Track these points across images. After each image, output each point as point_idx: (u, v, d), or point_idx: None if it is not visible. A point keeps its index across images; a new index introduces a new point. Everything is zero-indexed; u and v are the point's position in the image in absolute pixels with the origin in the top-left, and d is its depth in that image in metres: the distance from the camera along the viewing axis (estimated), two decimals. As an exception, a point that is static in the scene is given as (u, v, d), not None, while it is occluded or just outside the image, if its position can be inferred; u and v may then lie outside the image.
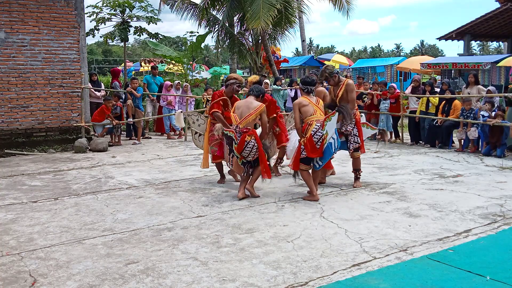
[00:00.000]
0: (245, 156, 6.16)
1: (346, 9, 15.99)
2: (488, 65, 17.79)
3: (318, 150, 6.02)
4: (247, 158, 6.18)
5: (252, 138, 6.08)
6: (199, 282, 3.69)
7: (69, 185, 7.07)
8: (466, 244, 4.48)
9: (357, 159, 6.86)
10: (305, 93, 6.35)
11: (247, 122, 6.19)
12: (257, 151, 6.14)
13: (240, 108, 6.30)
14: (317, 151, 6.02)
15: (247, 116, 6.18)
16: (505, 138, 9.28)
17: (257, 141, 6.12)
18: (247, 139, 6.06)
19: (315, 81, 6.49)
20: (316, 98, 6.38)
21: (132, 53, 57.12)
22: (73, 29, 10.71)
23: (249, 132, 6.11)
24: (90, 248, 4.45)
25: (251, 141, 6.07)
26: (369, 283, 3.66)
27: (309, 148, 6.01)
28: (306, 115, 6.13)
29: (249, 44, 16.42)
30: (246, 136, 6.07)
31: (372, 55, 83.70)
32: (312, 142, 5.99)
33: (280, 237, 4.68)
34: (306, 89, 6.33)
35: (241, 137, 6.08)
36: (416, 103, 11.43)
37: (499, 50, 56.11)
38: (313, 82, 6.36)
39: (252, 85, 6.81)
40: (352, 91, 6.73)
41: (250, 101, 6.34)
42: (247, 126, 6.18)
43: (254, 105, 6.27)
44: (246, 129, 6.14)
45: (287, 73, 27.20)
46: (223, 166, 7.22)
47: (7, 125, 10.16)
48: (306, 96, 6.29)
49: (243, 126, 6.15)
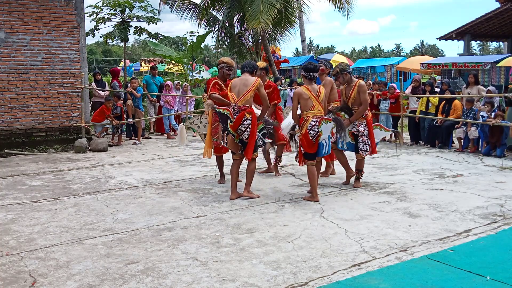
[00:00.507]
0: (240, 134, 6.06)
1: (346, 9, 15.99)
2: (488, 65, 17.79)
3: (314, 145, 6.06)
4: (241, 136, 6.07)
5: (250, 115, 6.02)
6: (199, 282, 3.69)
7: (69, 185, 7.07)
8: (466, 244, 4.48)
9: (361, 160, 6.82)
10: (307, 80, 6.19)
11: (245, 99, 6.11)
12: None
13: (237, 87, 6.22)
14: (313, 146, 6.06)
15: (245, 94, 6.10)
16: (505, 138, 9.28)
17: (252, 120, 6.02)
18: (246, 116, 6.00)
19: (318, 67, 6.39)
20: (318, 87, 6.20)
21: (132, 53, 57.12)
22: (73, 29, 10.71)
23: (248, 109, 6.06)
24: (90, 248, 4.45)
25: (248, 118, 6.01)
26: (369, 283, 3.66)
27: (305, 143, 6.07)
28: (304, 110, 6.10)
29: (249, 44, 16.42)
30: (244, 113, 6.00)
31: (372, 55, 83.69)
32: (308, 138, 6.03)
33: (280, 237, 4.68)
34: (309, 76, 6.17)
35: (239, 114, 5.98)
36: (416, 103, 11.44)
37: (499, 50, 56.11)
38: (316, 68, 6.23)
39: (259, 70, 6.71)
40: (365, 92, 6.67)
41: (246, 78, 6.23)
42: (246, 104, 6.11)
43: (250, 82, 6.16)
44: (245, 106, 6.07)
45: (287, 73, 27.20)
46: (223, 164, 7.19)
47: (7, 125, 10.16)
48: (308, 86, 6.12)
49: (241, 104, 6.09)
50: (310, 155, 6.12)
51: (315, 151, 6.10)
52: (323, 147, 6.12)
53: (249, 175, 6.22)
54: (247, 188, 6.22)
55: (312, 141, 6.03)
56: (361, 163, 6.86)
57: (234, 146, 6.26)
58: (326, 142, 6.12)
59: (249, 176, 6.22)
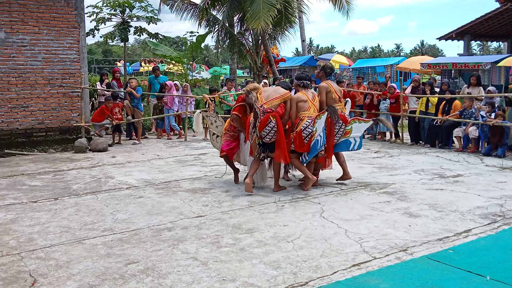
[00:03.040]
0: (263, 136, 6.29)
1: (346, 9, 15.98)
2: (488, 65, 17.78)
3: (305, 145, 6.26)
4: (264, 138, 6.30)
5: (274, 119, 6.24)
6: (199, 282, 3.69)
7: (69, 185, 7.07)
8: (466, 244, 4.48)
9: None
10: (301, 87, 6.55)
11: (272, 104, 6.37)
12: (275, 134, 6.26)
13: (267, 92, 6.58)
14: (304, 146, 6.27)
15: (274, 99, 6.40)
16: (506, 138, 9.27)
17: (278, 124, 6.24)
18: (270, 119, 6.23)
19: (309, 76, 6.74)
20: (313, 94, 6.58)
21: (132, 53, 57.12)
22: (73, 29, 10.71)
23: (273, 113, 6.28)
24: (90, 248, 4.45)
25: (273, 121, 6.23)
26: (369, 283, 3.66)
27: (297, 142, 6.27)
28: (300, 110, 6.37)
29: (249, 44, 16.41)
30: (269, 116, 6.23)
31: (372, 55, 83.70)
32: (301, 137, 6.23)
33: (280, 237, 4.68)
34: (302, 83, 6.55)
35: (265, 116, 6.22)
36: (416, 103, 11.44)
37: (499, 50, 56.12)
38: (308, 77, 6.62)
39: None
40: (321, 93, 6.80)
41: (278, 88, 6.67)
42: (271, 108, 6.34)
43: (281, 91, 6.53)
44: (270, 109, 6.31)
45: (287, 73, 27.18)
46: (233, 161, 7.18)
47: (7, 125, 10.16)
48: (304, 92, 6.49)
49: (268, 107, 6.31)
50: (296, 153, 6.40)
51: (304, 151, 6.33)
52: (318, 143, 6.27)
53: (276, 173, 6.54)
54: (276, 184, 6.56)
55: (304, 141, 6.23)
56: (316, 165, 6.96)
57: (254, 145, 6.49)
58: (321, 136, 6.27)
59: (276, 173, 6.55)
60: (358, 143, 6.96)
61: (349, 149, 6.97)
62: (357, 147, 7.00)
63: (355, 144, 6.95)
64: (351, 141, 6.91)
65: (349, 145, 6.92)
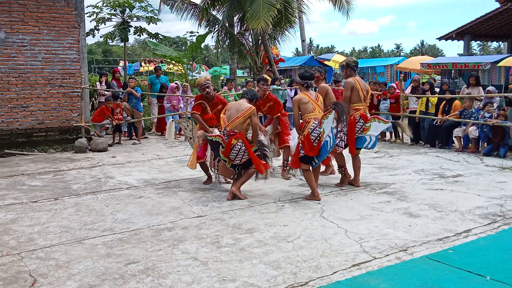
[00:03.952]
0: (232, 159, 6.10)
1: (346, 9, 15.98)
2: (488, 65, 17.79)
3: (315, 148, 5.99)
4: (234, 161, 6.11)
5: (238, 141, 6.03)
6: (199, 282, 3.69)
7: (69, 185, 7.07)
8: (466, 244, 4.48)
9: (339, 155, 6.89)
10: (304, 88, 6.30)
11: (235, 124, 6.10)
12: (245, 154, 6.07)
13: (230, 110, 6.26)
14: (314, 149, 5.99)
15: (235, 119, 6.11)
16: (508, 138, 9.26)
17: (245, 144, 6.05)
18: (233, 142, 6.01)
19: (314, 75, 6.49)
20: (316, 94, 6.33)
21: (132, 53, 57.12)
22: (73, 29, 10.70)
23: (236, 135, 6.04)
24: (90, 248, 4.45)
25: (238, 144, 6.03)
26: (369, 283, 3.66)
27: (306, 146, 5.99)
28: (305, 113, 6.09)
29: (249, 44, 16.41)
30: (232, 139, 6.01)
31: (372, 55, 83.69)
32: (309, 140, 5.97)
33: (280, 237, 4.68)
34: (306, 83, 6.29)
35: (228, 140, 6.02)
36: (416, 103, 11.44)
37: (499, 50, 56.12)
38: (312, 76, 6.35)
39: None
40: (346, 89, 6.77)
41: (240, 103, 6.28)
42: (235, 129, 6.09)
43: (243, 108, 6.18)
44: (233, 132, 6.07)
45: (287, 73, 27.19)
46: (208, 167, 7.17)
47: (7, 125, 10.16)
48: (306, 92, 6.22)
49: (230, 129, 6.09)
50: (308, 158, 6.07)
51: (315, 154, 6.03)
52: (327, 144, 5.99)
53: (246, 176, 6.22)
54: (237, 185, 6.20)
55: (314, 143, 5.97)
56: (340, 159, 6.88)
57: (226, 172, 6.33)
58: (330, 137, 5.99)
59: (245, 176, 6.22)
60: (373, 142, 6.84)
61: (363, 146, 6.86)
62: (370, 146, 6.87)
63: (369, 143, 6.83)
64: (367, 138, 6.80)
65: (364, 142, 6.82)
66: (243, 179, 6.22)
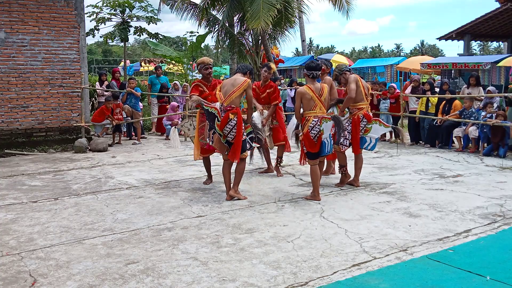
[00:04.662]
0: (226, 134, 6.02)
1: (346, 9, 15.96)
2: (488, 65, 17.78)
3: (317, 144, 6.03)
4: (227, 136, 6.03)
5: (235, 116, 5.96)
6: (199, 282, 3.69)
7: (69, 185, 7.07)
8: (466, 244, 4.48)
9: (341, 154, 6.90)
10: (310, 78, 6.17)
11: (231, 99, 6.02)
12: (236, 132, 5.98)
13: (225, 87, 6.18)
14: (315, 145, 6.03)
15: (231, 94, 6.03)
16: (507, 138, 9.26)
17: (238, 121, 5.96)
18: (230, 117, 5.94)
19: (320, 65, 6.39)
20: (321, 86, 6.16)
21: (132, 53, 57.10)
22: (73, 29, 10.70)
23: (233, 110, 5.98)
24: (90, 248, 4.45)
25: (233, 119, 5.95)
26: (369, 283, 3.66)
27: (307, 143, 6.06)
28: (306, 109, 6.07)
29: (249, 44, 16.41)
30: (229, 114, 5.94)
31: (372, 55, 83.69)
32: (309, 137, 6.02)
33: (280, 237, 4.68)
34: (311, 74, 6.14)
35: (225, 115, 5.94)
36: (416, 103, 11.44)
37: (499, 50, 56.11)
38: (318, 66, 6.22)
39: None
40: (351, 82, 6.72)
41: (235, 78, 6.20)
42: (232, 104, 6.01)
43: (238, 82, 6.10)
44: (230, 107, 5.99)
45: (287, 73, 27.18)
46: (210, 165, 7.15)
47: (7, 125, 10.16)
48: (310, 86, 6.08)
49: (227, 104, 6.01)
50: (312, 154, 6.10)
51: (317, 150, 6.08)
52: (325, 146, 6.08)
53: (238, 175, 6.17)
54: (234, 187, 6.17)
55: (314, 140, 6.01)
56: (342, 158, 6.88)
57: (220, 146, 6.21)
58: (328, 141, 6.08)
59: (237, 176, 6.17)
60: (373, 144, 6.91)
61: (363, 147, 6.90)
62: (370, 148, 6.93)
63: (369, 144, 6.89)
64: (367, 139, 6.86)
65: (364, 143, 6.87)
66: (237, 179, 6.19)
